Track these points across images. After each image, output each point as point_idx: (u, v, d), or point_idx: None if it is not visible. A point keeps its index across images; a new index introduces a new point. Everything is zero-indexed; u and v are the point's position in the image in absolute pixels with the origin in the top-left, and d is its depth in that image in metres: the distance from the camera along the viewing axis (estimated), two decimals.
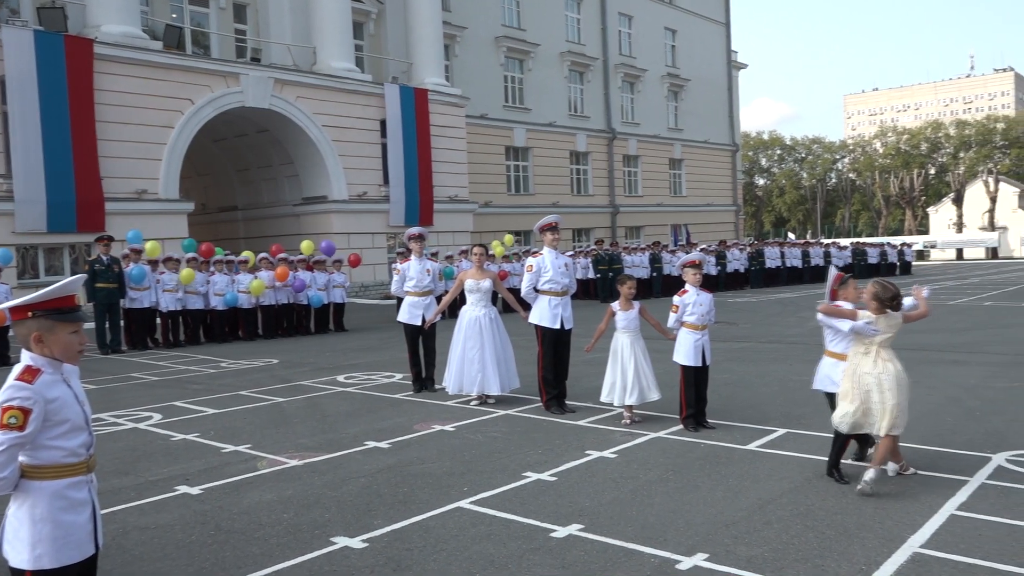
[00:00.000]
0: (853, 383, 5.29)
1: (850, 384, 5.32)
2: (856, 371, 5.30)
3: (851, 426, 5.29)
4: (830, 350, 5.74)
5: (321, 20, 24.96)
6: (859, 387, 5.26)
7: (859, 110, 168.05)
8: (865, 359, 5.29)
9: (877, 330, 5.27)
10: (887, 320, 5.28)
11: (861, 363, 5.30)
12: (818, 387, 5.89)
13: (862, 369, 5.27)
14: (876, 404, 5.20)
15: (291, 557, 4.35)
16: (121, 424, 8.02)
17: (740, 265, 28.92)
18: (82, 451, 2.89)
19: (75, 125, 19.06)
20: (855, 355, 5.36)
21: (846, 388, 5.35)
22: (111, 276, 14.22)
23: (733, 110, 48.35)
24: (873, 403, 5.21)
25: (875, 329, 5.27)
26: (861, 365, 5.29)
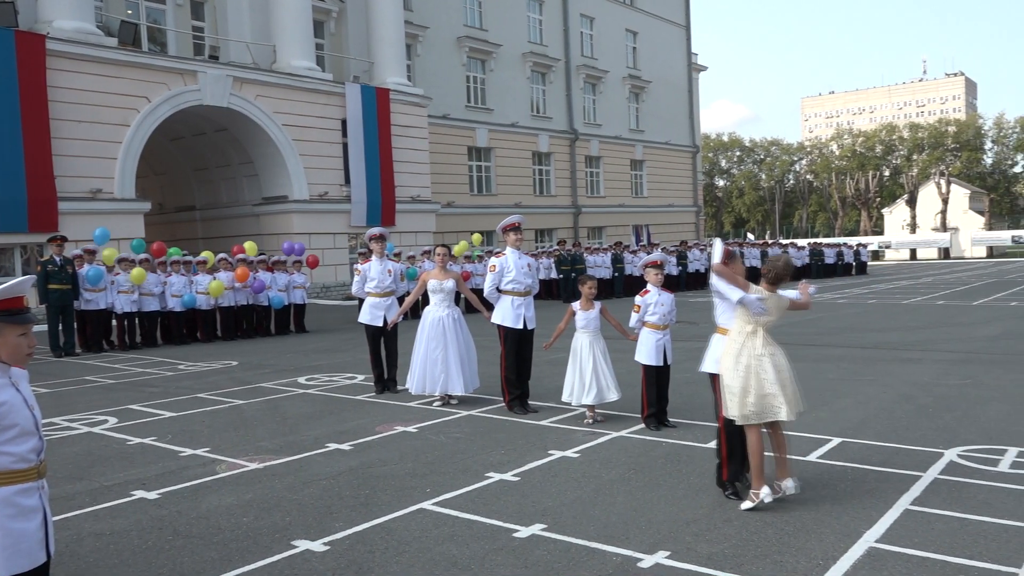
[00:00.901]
0: (745, 365, 4.92)
1: (739, 366, 4.93)
2: (745, 352, 4.95)
3: (754, 414, 4.89)
4: (722, 326, 5.31)
5: (281, 18, 24.69)
6: (752, 369, 4.90)
7: (816, 113, 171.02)
8: (754, 339, 4.97)
9: (765, 308, 4.97)
10: (776, 301, 5.03)
11: (750, 343, 4.97)
12: (708, 369, 5.42)
13: (754, 351, 4.94)
14: (774, 385, 4.88)
15: (251, 561, 4.29)
16: (75, 428, 7.84)
17: (701, 265, 29.21)
18: (32, 456, 2.82)
19: (26, 122, 18.59)
20: (740, 335, 5.00)
21: (733, 371, 4.95)
22: (64, 277, 13.92)
23: (693, 112, 48.87)
24: (769, 384, 4.88)
25: (763, 307, 4.97)
26: (751, 346, 4.96)
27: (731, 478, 5.19)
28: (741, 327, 5.04)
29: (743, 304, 4.99)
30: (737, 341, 5.01)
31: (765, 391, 4.88)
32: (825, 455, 6.07)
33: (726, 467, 5.20)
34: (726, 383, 5.00)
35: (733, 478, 5.19)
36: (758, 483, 4.89)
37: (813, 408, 7.78)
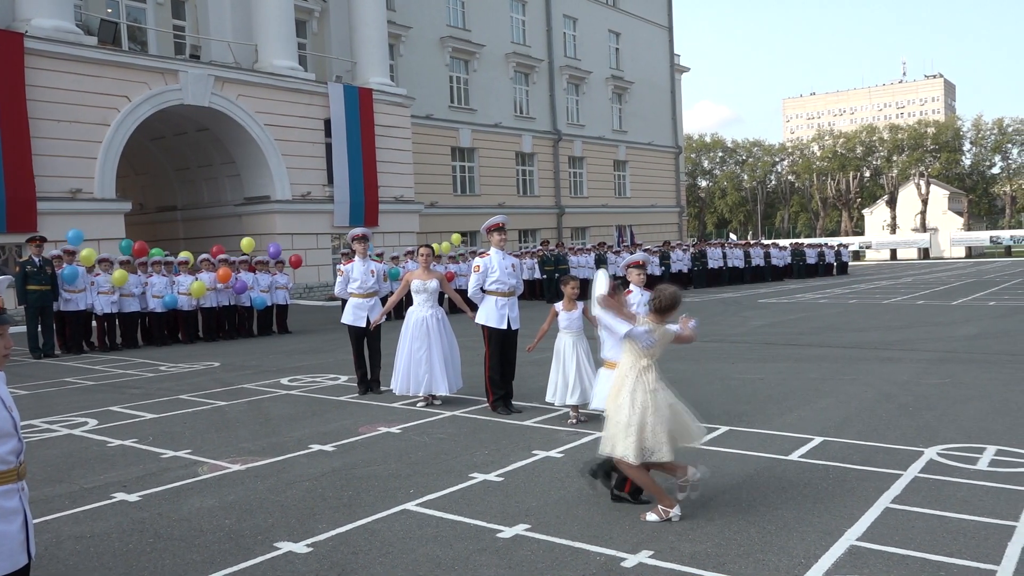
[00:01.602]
0: (641, 402, 4.73)
1: (636, 403, 4.74)
2: (639, 388, 4.76)
3: (649, 451, 4.71)
4: (610, 360, 5.07)
5: (263, 17, 24.56)
6: (648, 406, 4.72)
7: (797, 114, 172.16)
8: (647, 374, 4.79)
9: (654, 341, 4.81)
10: (663, 333, 4.87)
11: (643, 378, 4.78)
12: (601, 406, 5.07)
13: (648, 386, 4.76)
14: (669, 422, 4.77)
15: (233, 563, 4.27)
16: (54, 431, 7.77)
17: (683, 266, 29.36)
18: (11, 458, 2.79)
19: (4, 122, 18.40)
20: (633, 369, 4.80)
21: (629, 408, 4.73)
22: (43, 278, 13.78)
23: (676, 113, 49.09)
24: (664, 422, 4.74)
25: (653, 340, 4.81)
26: (644, 381, 4.78)
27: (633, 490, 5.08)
28: (633, 362, 4.83)
29: (631, 338, 4.79)
30: (631, 376, 4.79)
31: (661, 429, 4.72)
32: (807, 454, 6.12)
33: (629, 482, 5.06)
34: (619, 420, 4.75)
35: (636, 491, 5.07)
36: (668, 502, 4.78)
37: (794, 407, 7.84)
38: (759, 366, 10.57)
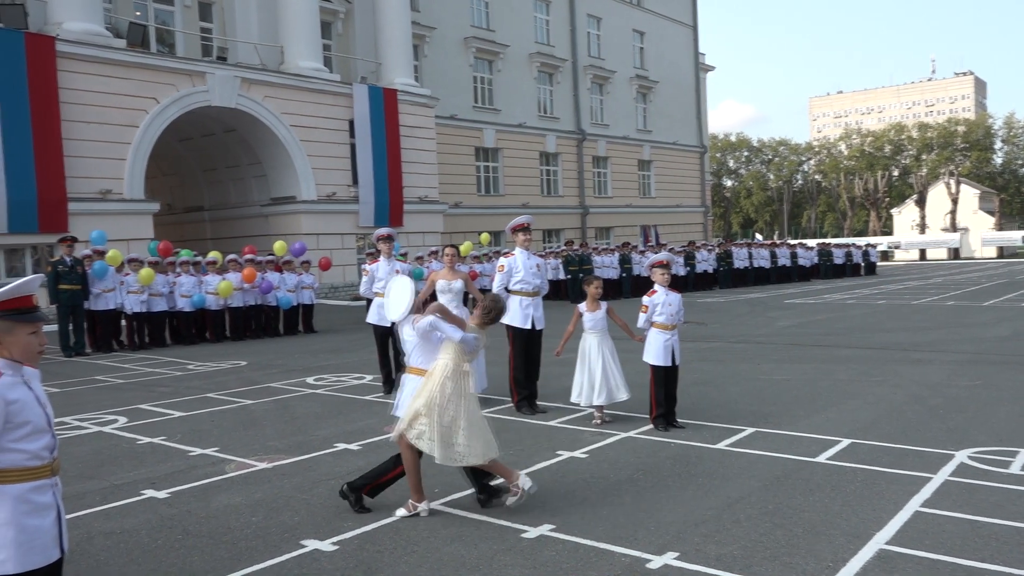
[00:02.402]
0: (466, 406, 4.92)
1: (459, 407, 4.89)
2: (456, 392, 4.91)
3: (460, 457, 4.89)
4: (418, 367, 5.12)
5: (288, 19, 24.74)
6: (472, 409, 4.95)
7: (824, 112, 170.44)
8: (469, 379, 5.00)
9: (480, 347, 5.20)
10: (483, 341, 5.22)
11: (465, 382, 4.97)
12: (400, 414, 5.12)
13: (467, 389, 4.97)
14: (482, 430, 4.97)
15: (260, 560, 4.30)
16: (85, 428, 7.88)
17: (709, 266, 29.18)
18: (45, 454, 2.84)
19: (36, 124, 18.69)
20: (457, 373, 4.95)
21: (443, 410, 4.86)
22: (74, 277, 13.98)
23: (701, 112, 48.78)
24: (479, 428, 4.95)
25: (479, 344, 5.14)
26: (465, 385, 4.97)
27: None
28: (457, 366, 4.96)
29: (463, 343, 4.98)
30: (452, 380, 4.92)
31: (477, 435, 4.92)
32: (834, 456, 6.05)
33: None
34: (443, 421, 4.85)
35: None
36: (419, 497, 5.00)
37: (822, 409, 7.76)
38: (785, 367, 10.48)
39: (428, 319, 5.00)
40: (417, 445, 4.91)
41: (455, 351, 4.99)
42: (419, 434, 4.88)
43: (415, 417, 4.89)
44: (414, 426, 4.90)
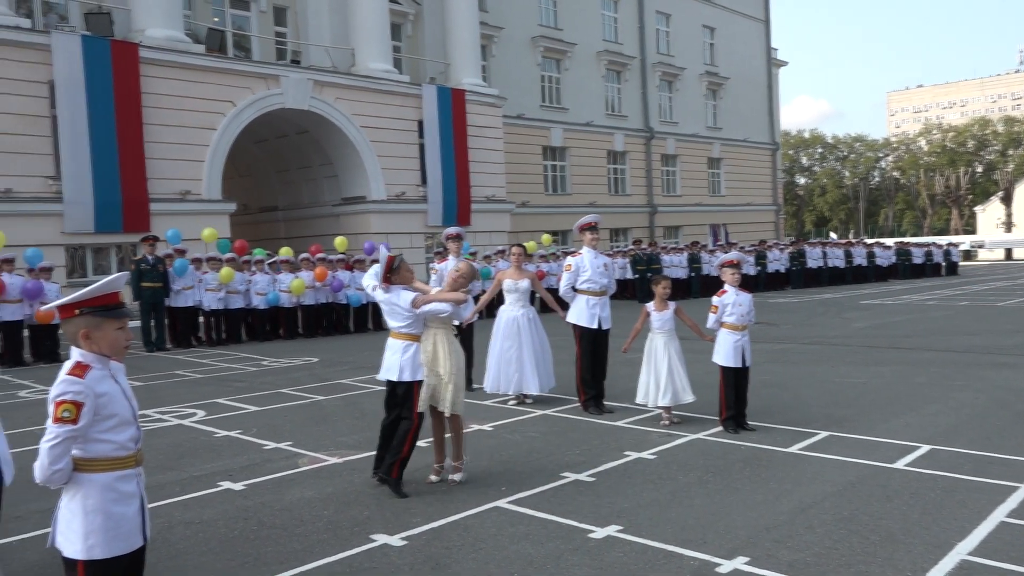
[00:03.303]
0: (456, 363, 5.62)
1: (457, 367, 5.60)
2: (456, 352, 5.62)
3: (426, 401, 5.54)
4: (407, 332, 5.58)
5: (359, 22, 25.17)
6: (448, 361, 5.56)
7: (903, 107, 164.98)
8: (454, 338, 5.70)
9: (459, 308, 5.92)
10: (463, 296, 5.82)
11: (455, 344, 5.67)
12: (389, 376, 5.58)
13: (457, 348, 5.68)
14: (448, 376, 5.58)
15: (331, 554, 4.39)
16: (166, 420, 8.17)
17: (781, 265, 28.56)
18: (131, 445, 2.96)
19: (121, 127, 19.46)
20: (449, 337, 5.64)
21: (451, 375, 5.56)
22: (156, 275, 14.50)
23: (773, 108, 47.77)
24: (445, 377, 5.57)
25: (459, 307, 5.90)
26: (455, 345, 5.67)
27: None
28: (448, 331, 5.69)
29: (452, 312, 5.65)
30: (452, 344, 5.66)
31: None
32: (913, 463, 5.86)
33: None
34: (460, 383, 5.62)
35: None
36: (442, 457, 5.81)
37: (899, 413, 7.52)
38: (861, 369, 10.18)
39: (431, 307, 5.49)
40: (454, 411, 5.57)
41: (446, 320, 5.64)
42: (454, 402, 5.53)
43: (452, 390, 5.53)
44: (447, 397, 5.53)
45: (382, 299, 5.51)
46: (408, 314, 5.44)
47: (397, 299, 5.44)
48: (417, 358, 5.46)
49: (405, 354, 5.44)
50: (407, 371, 5.42)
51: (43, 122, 18.76)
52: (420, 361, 5.47)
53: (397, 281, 5.49)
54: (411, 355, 5.44)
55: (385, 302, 5.50)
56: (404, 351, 5.44)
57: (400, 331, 5.50)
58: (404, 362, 5.43)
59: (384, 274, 5.44)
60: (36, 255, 13.92)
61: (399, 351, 5.45)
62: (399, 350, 5.46)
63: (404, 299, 5.43)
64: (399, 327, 5.50)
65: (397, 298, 5.44)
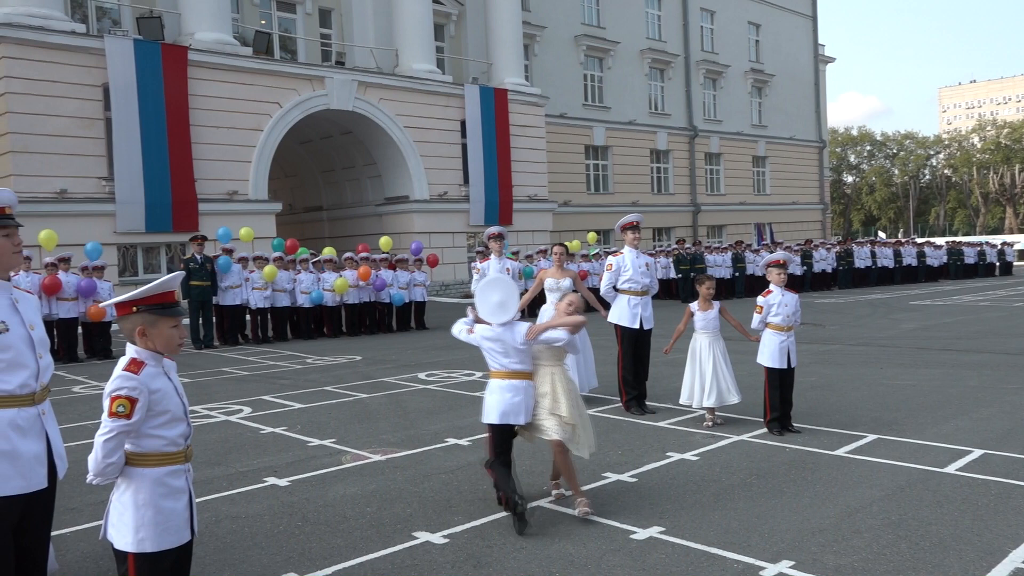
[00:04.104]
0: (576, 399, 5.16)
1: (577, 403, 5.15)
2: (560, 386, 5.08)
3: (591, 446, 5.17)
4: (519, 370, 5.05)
5: (403, 23, 25.38)
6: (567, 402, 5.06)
7: (955, 103, 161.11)
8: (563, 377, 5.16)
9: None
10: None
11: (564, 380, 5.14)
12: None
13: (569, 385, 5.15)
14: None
15: (374, 550, 4.43)
16: (214, 416, 8.32)
17: (827, 265, 28.09)
18: (181, 441, 3.02)
19: (171, 129, 19.89)
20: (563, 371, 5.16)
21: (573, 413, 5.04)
22: (204, 274, 14.79)
23: (820, 106, 47.00)
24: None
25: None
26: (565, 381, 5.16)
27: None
28: (562, 365, 5.19)
29: (570, 344, 5.12)
30: (566, 378, 5.17)
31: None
32: (965, 467, 5.71)
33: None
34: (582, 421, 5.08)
35: None
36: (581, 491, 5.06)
37: (951, 417, 7.34)
38: (911, 372, 9.97)
39: (547, 335, 4.98)
40: (577, 451, 5.03)
41: (560, 353, 5.11)
42: (578, 441, 5.00)
43: (583, 431, 5.02)
44: (583, 440, 5.03)
45: (489, 337, 5.01)
46: (524, 348, 4.97)
47: (511, 334, 4.96)
48: (534, 396, 5.02)
49: (528, 394, 4.98)
50: (531, 411, 5.01)
51: (97, 124, 19.27)
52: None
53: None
54: (531, 394, 5.00)
55: (492, 340, 5.00)
56: (526, 391, 4.97)
57: (512, 369, 4.97)
58: (528, 402, 4.98)
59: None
60: (96, 249, 14.37)
61: (520, 391, 4.94)
62: (520, 390, 4.94)
63: (518, 332, 4.97)
64: (511, 364, 4.97)
65: (511, 333, 4.97)
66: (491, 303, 5.02)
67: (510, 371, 4.98)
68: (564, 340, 4.98)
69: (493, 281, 5.13)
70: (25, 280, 12.62)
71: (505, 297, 5.00)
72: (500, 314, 4.99)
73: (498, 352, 5.00)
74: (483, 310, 5.05)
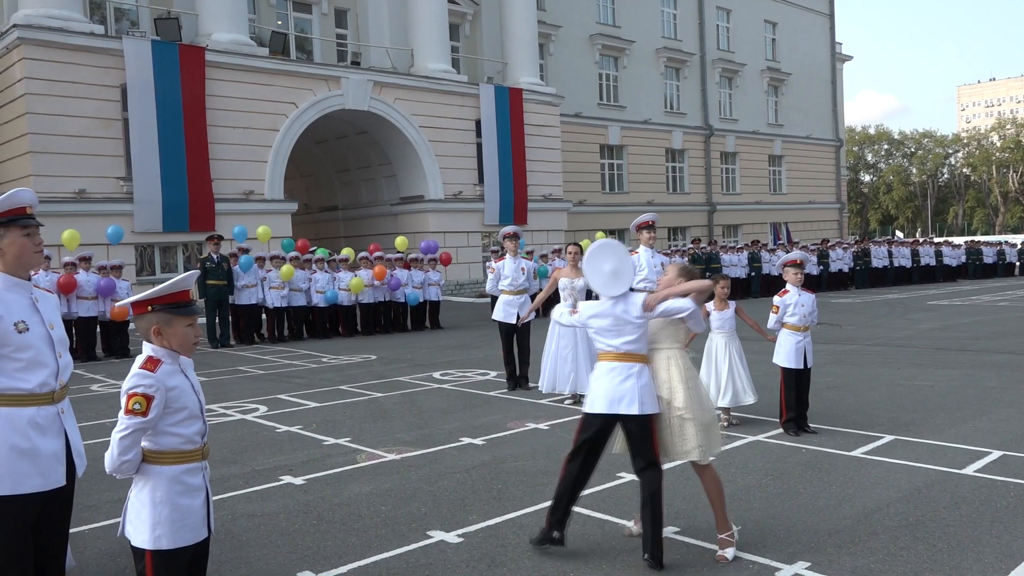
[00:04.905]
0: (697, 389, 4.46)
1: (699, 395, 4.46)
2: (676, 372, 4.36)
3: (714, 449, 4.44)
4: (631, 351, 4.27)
5: (418, 23, 25.43)
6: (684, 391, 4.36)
7: (974, 101, 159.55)
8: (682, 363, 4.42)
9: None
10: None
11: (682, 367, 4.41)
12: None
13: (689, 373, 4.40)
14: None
15: (389, 549, 4.45)
16: (230, 415, 8.37)
17: (844, 265, 27.91)
18: (197, 438, 3.05)
19: (188, 129, 20.02)
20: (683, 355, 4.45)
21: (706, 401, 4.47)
22: (220, 273, 14.88)
23: (837, 104, 46.68)
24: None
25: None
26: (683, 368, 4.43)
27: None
28: (683, 347, 4.48)
29: (693, 316, 4.28)
30: (687, 365, 4.44)
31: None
32: (983, 468, 5.66)
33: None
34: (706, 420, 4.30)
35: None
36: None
37: (969, 418, 7.28)
38: (928, 372, 9.89)
39: (667, 305, 4.19)
40: (702, 458, 4.25)
41: (680, 331, 4.38)
42: (703, 445, 4.25)
43: (695, 429, 4.23)
44: (690, 438, 4.23)
45: (597, 314, 4.29)
46: (641, 322, 4.23)
47: (625, 307, 4.23)
48: (653, 384, 4.26)
49: (641, 379, 4.18)
50: (648, 401, 4.17)
51: (115, 125, 19.42)
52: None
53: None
54: (647, 380, 4.22)
55: (602, 317, 4.27)
56: (639, 375, 4.19)
57: (624, 350, 4.22)
58: (643, 390, 4.16)
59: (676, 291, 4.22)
60: (117, 232, 15.00)
61: (632, 376, 4.17)
62: (632, 374, 4.18)
63: (633, 304, 4.22)
64: (624, 345, 4.22)
65: (624, 306, 4.23)
66: (603, 273, 4.27)
67: (621, 352, 4.21)
68: (689, 310, 4.17)
69: (602, 246, 4.36)
70: (44, 279, 12.75)
71: (618, 265, 4.28)
72: (614, 285, 4.26)
73: (609, 331, 4.25)
74: (594, 281, 4.30)
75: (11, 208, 3.31)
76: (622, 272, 4.28)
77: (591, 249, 4.39)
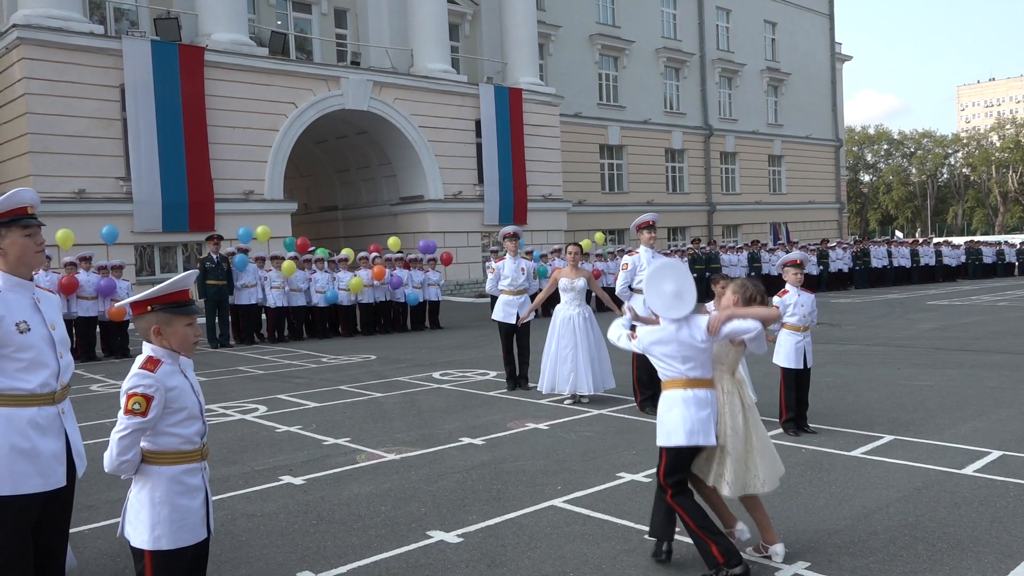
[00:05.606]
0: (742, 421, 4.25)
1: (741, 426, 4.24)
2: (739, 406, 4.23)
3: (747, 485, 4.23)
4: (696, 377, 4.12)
5: (418, 23, 25.43)
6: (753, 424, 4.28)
7: (974, 101, 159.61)
8: (742, 387, 4.31)
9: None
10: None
11: (742, 391, 4.32)
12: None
13: (748, 400, 4.29)
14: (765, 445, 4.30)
15: (389, 549, 4.45)
16: (229, 415, 8.37)
17: (844, 265, 27.92)
18: (197, 439, 3.05)
19: (187, 130, 20.02)
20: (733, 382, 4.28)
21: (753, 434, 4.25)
22: (220, 273, 14.88)
23: (837, 104, 46.70)
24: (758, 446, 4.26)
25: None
26: (743, 393, 4.33)
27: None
28: (734, 374, 4.29)
29: (757, 339, 4.12)
30: (736, 391, 4.27)
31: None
32: (983, 469, 5.67)
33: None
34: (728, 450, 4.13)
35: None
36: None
37: (969, 418, 7.28)
38: (928, 372, 9.89)
39: (733, 325, 4.02)
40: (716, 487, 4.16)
41: (738, 355, 4.23)
42: (718, 475, 4.14)
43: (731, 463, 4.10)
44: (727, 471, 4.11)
45: (659, 340, 4.10)
46: (706, 346, 4.06)
47: (689, 331, 4.03)
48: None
49: (715, 407, 4.10)
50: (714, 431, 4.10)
51: (114, 125, 19.42)
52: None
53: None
54: (715, 408, 4.10)
55: (664, 343, 4.08)
56: (712, 403, 4.08)
57: (692, 376, 4.05)
58: (712, 419, 4.08)
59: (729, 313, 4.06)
60: (111, 232, 14.94)
61: (707, 404, 4.04)
62: (706, 403, 4.04)
63: (697, 328, 4.03)
64: (691, 371, 4.05)
65: (689, 330, 4.03)
66: (665, 294, 4.05)
67: (690, 379, 4.04)
68: (755, 331, 4.00)
69: (664, 267, 4.13)
70: (44, 279, 12.75)
71: (681, 286, 4.04)
72: (678, 307, 4.04)
73: (673, 358, 4.06)
74: (655, 303, 4.07)
75: (12, 208, 3.31)
76: (685, 293, 4.05)
77: (652, 270, 4.17)
